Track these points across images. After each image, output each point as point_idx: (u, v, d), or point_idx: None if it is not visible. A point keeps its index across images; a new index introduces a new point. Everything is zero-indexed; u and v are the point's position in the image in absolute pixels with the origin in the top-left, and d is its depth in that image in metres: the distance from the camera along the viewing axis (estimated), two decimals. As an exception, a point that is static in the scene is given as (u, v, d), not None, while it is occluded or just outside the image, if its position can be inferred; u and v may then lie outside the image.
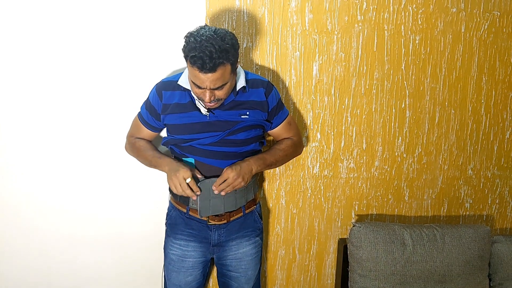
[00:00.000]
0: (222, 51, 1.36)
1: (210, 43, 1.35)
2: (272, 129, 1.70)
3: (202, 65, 1.35)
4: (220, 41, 1.36)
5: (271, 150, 1.70)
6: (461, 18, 1.91)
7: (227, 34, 1.41)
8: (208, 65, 1.35)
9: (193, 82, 1.44)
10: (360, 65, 1.91)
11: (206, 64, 1.35)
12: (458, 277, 1.91)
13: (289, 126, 1.72)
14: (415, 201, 2.09)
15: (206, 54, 1.34)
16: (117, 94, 1.81)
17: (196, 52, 1.35)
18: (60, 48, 1.75)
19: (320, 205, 2.04)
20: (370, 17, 1.86)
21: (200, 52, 1.34)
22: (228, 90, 1.48)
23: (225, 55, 1.37)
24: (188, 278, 1.71)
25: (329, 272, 2.13)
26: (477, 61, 1.97)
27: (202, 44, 1.35)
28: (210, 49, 1.34)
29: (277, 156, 1.68)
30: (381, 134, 1.99)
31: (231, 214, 1.67)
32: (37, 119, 1.81)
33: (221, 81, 1.41)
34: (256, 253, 1.76)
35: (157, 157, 1.64)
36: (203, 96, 1.45)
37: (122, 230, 1.95)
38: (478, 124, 2.04)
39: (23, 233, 1.92)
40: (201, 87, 1.42)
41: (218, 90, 1.44)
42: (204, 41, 1.35)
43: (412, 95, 1.97)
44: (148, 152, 1.68)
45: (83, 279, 2.00)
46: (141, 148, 1.70)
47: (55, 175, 1.87)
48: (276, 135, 1.74)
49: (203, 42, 1.35)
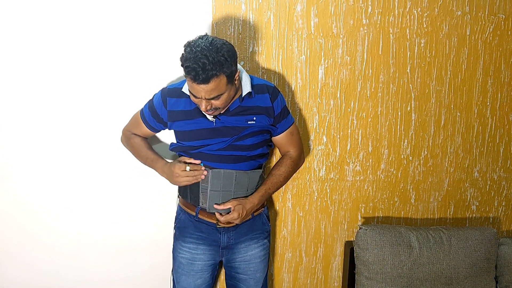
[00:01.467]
0: (215, 63, 1.36)
1: (204, 55, 1.35)
2: (276, 135, 1.70)
3: (195, 76, 1.36)
4: (214, 53, 1.36)
5: (272, 178, 1.70)
6: (466, 21, 1.92)
7: (224, 45, 1.40)
8: (201, 77, 1.36)
9: (190, 91, 1.46)
10: (366, 68, 1.92)
11: (199, 75, 1.35)
12: (465, 280, 1.91)
13: (291, 136, 1.71)
14: (421, 203, 2.10)
15: (199, 66, 1.35)
16: (127, 96, 1.83)
17: (190, 63, 1.36)
18: (68, 47, 1.77)
19: (327, 208, 2.05)
20: (375, 21, 1.87)
21: (194, 63, 1.35)
22: (226, 100, 1.48)
23: (219, 67, 1.37)
24: (197, 281, 1.72)
25: (336, 275, 2.14)
26: (483, 63, 1.97)
27: (197, 55, 1.35)
28: (203, 60, 1.35)
29: (279, 184, 1.72)
30: (387, 137, 2.00)
31: None
32: (48, 122, 1.83)
33: (216, 92, 1.42)
34: (264, 255, 1.78)
35: (150, 159, 1.69)
36: (200, 105, 1.47)
37: (131, 234, 1.97)
38: (484, 127, 2.05)
39: (31, 237, 1.94)
40: (197, 97, 1.44)
41: (215, 100, 1.45)
42: (198, 52, 1.35)
43: (418, 98, 1.97)
44: (142, 151, 1.71)
45: (92, 282, 2.01)
46: (136, 146, 1.73)
47: (64, 179, 1.89)
48: (278, 144, 1.73)
49: (197, 53, 1.35)
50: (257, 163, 1.67)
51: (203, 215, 1.67)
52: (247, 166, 1.64)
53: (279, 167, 1.73)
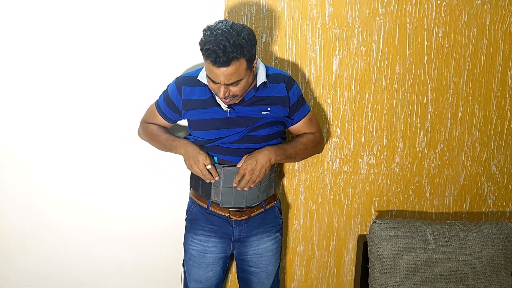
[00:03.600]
0: (236, 45, 1.34)
1: (225, 37, 1.34)
2: (293, 125, 1.68)
3: (215, 58, 1.34)
4: (235, 36, 1.35)
5: (291, 142, 1.68)
6: (486, 11, 1.86)
7: (244, 29, 1.39)
8: (221, 59, 1.34)
9: (209, 77, 1.43)
10: (381, 59, 1.87)
11: (220, 58, 1.34)
12: (481, 275, 1.87)
13: (310, 122, 1.70)
14: (436, 197, 2.06)
15: (220, 48, 1.33)
16: (137, 87, 1.81)
17: (211, 45, 1.34)
18: (69, 42, 1.76)
19: (340, 201, 2.02)
20: (392, 10, 1.82)
21: (215, 45, 1.33)
22: (244, 87, 1.46)
23: (240, 50, 1.35)
24: (208, 273, 1.71)
25: (348, 269, 2.11)
26: (502, 54, 1.92)
27: (217, 37, 1.34)
28: (224, 43, 1.33)
29: (297, 149, 1.65)
30: (402, 130, 1.96)
31: (252, 209, 1.66)
32: (57, 115, 1.83)
33: (235, 77, 1.40)
34: (276, 249, 1.76)
35: (171, 139, 1.64)
36: (218, 91, 1.44)
37: (142, 225, 1.96)
38: (503, 120, 2.00)
39: (43, 229, 1.95)
40: (215, 82, 1.41)
41: (233, 86, 1.42)
42: (219, 34, 1.34)
43: (435, 90, 1.93)
44: (161, 136, 1.67)
45: (103, 274, 2.02)
46: (154, 132, 1.69)
47: (74, 170, 1.89)
48: (297, 131, 1.71)
49: (218, 36, 1.34)
50: None
51: (215, 207, 1.65)
52: None
53: (300, 137, 1.70)
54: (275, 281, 1.82)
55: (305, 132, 1.72)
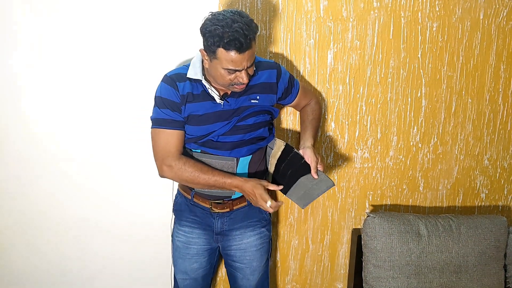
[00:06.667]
0: (248, 26, 1.37)
1: (237, 23, 1.35)
2: (291, 103, 1.73)
3: (240, 45, 1.35)
4: (242, 18, 1.37)
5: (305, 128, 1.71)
6: (479, 5, 1.87)
7: (242, 11, 1.42)
8: (245, 44, 1.36)
9: (228, 69, 1.41)
10: (376, 53, 1.87)
11: (243, 44, 1.35)
12: (474, 268, 1.89)
13: (304, 92, 1.74)
14: (430, 191, 2.07)
15: (240, 34, 1.34)
16: (129, 85, 1.80)
17: (230, 36, 1.34)
18: (70, 39, 1.74)
19: (334, 195, 2.02)
20: (387, 4, 1.82)
21: (234, 33, 1.34)
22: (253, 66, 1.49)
23: (252, 30, 1.38)
24: (193, 265, 1.72)
25: (342, 262, 2.12)
26: (496, 49, 1.93)
27: (231, 26, 1.34)
28: (240, 29, 1.35)
29: (315, 127, 1.73)
30: (396, 124, 1.97)
31: (234, 202, 1.66)
32: (48, 110, 1.81)
33: (253, 56, 1.43)
34: (261, 244, 1.74)
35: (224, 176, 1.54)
36: (241, 79, 1.44)
37: (133, 219, 1.96)
38: (496, 114, 2.01)
39: (36, 223, 1.94)
40: (237, 70, 1.41)
41: (250, 67, 1.45)
42: (231, 22, 1.35)
43: (429, 84, 1.93)
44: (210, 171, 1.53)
45: (96, 266, 2.01)
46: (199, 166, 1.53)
47: (64, 166, 1.88)
48: (295, 105, 1.76)
49: (231, 24, 1.35)
50: (257, 146, 1.63)
51: (198, 199, 1.65)
52: (247, 150, 1.60)
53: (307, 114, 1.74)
54: (263, 277, 1.80)
55: (304, 105, 1.76)
